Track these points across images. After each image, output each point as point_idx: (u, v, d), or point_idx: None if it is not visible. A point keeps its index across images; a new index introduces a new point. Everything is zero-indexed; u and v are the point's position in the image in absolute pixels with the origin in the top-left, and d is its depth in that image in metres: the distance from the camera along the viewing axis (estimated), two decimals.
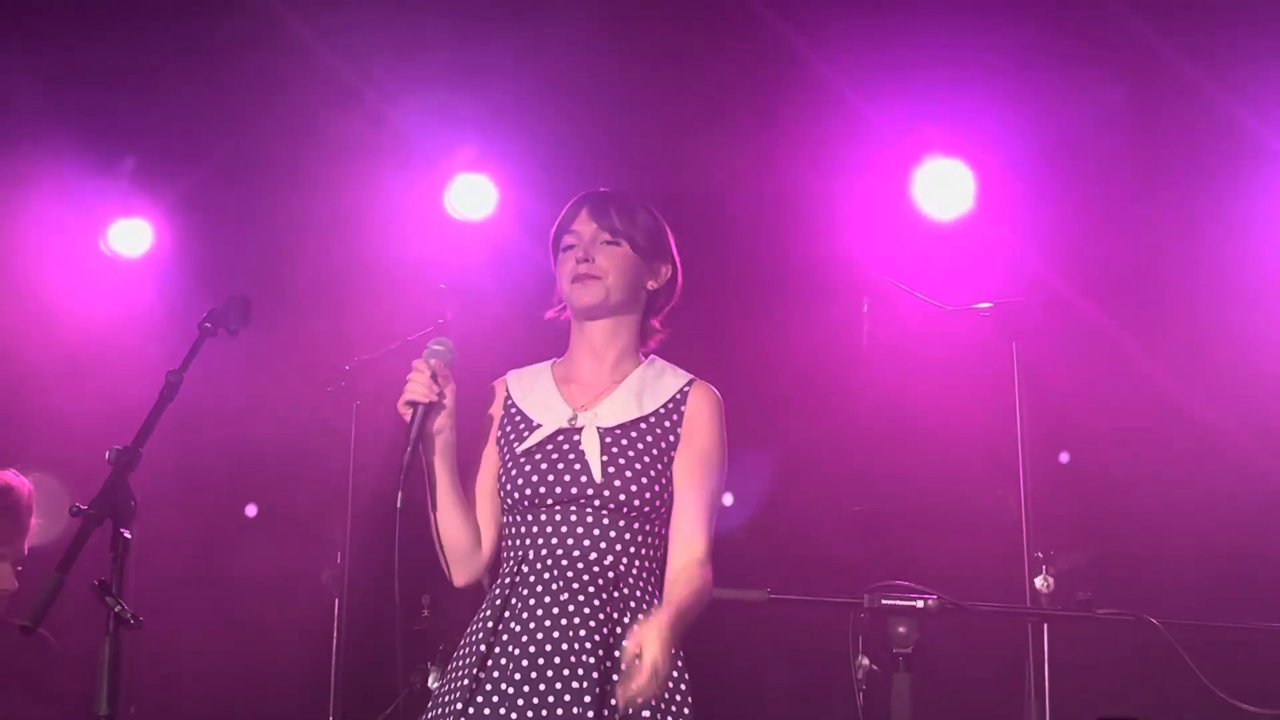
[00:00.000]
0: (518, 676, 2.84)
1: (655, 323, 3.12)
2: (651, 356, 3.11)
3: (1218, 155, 5.07)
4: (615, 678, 2.79)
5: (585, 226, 3.05)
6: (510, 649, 2.87)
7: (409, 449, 2.88)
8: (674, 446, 2.98)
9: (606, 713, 2.79)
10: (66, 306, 5.62)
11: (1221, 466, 4.90)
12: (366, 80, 5.46)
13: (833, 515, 5.13)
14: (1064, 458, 5.07)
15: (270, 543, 5.55)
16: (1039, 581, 4.36)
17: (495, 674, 2.86)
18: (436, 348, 2.95)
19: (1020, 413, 4.54)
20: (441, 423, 2.92)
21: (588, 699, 2.79)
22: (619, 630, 2.87)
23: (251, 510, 5.80)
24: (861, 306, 4.87)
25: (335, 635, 5.10)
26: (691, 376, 3.08)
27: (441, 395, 2.91)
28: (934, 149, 5.32)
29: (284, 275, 5.47)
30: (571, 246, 3.04)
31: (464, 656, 2.94)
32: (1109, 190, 5.13)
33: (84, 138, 5.58)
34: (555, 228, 3.11)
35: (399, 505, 2.83)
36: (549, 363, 3.13)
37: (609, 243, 3.03)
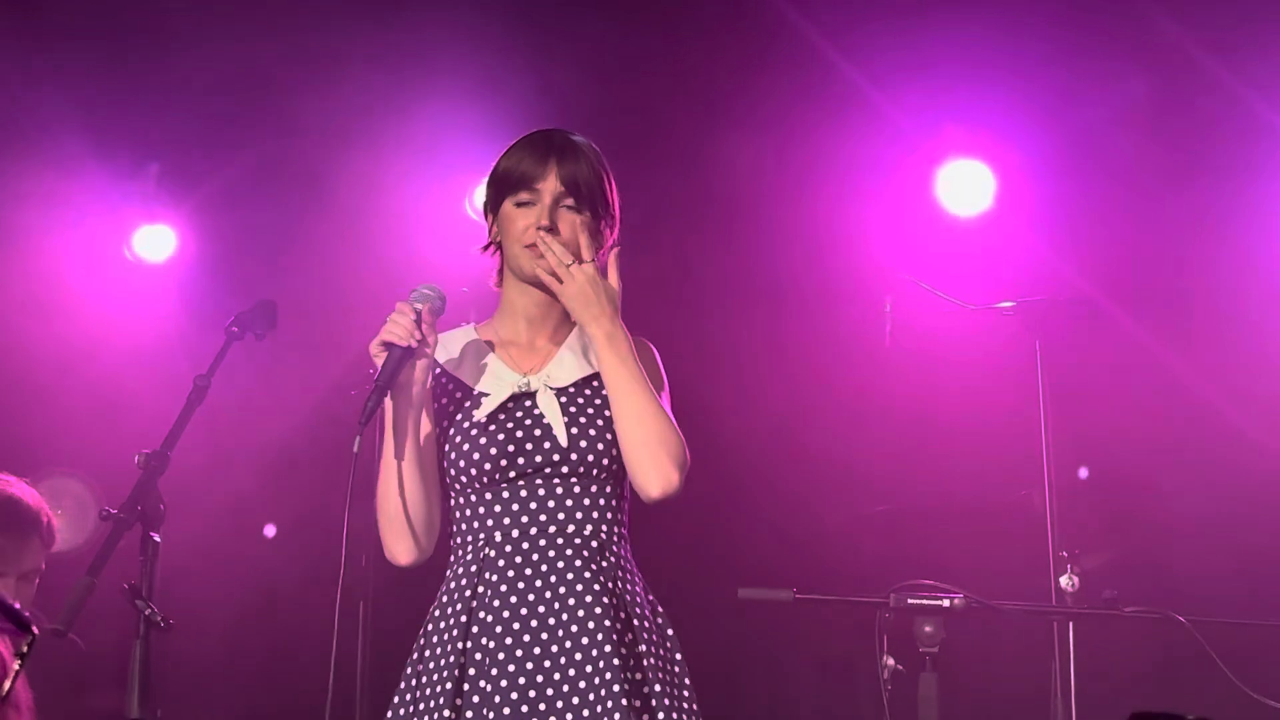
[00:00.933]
0: (511, 669, 2.66)
1: None
2: None
3: (1244, 149, 5.05)
4: (625, 653, 2.66)
5: (550, 185, 2.80)
6: (486, 642, 2.69)
7: (374, 395, 2.67)
8: None
9: (630, 688, 2.63)
10: (91, 313, 5.62)
11: (1248, 463, 4.89)
12: (394, 83, 5.48)
13: (857, 515, 5.13)
14: (1083, 473, 5.05)
15: (295, 543, 5.57)
16: (1064, 580, 4.35)
17: (482, 670, 2.67)
18: (426, 291, 2.77)
19: (1044, 411, 4.53)
20: (418, 374, 2.73)
21: (615, 685, 2.62)
22: (627, 598, 2.73)
23: (270, 531, 5.81)
24: (884, 306, 4.87)
25: (360, 634, 5.12)
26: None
27: (423, 341, 2.71)
28: (956, 148, 5.32)
29: (308, 280, 5.49)
30: (529, 204, 2.80)
31: (432, 659, 2.74)
32: (1132, 186, 5.12)
33: (107, 143, 5.60)
34: (507, 165, 2.83)
35: (355, 451, 2.64)
36: (468, 326, 2.93)
37: (572, 209, 2.81)
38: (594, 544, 2.75)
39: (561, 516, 2.76)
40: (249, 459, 5.50)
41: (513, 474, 2.76)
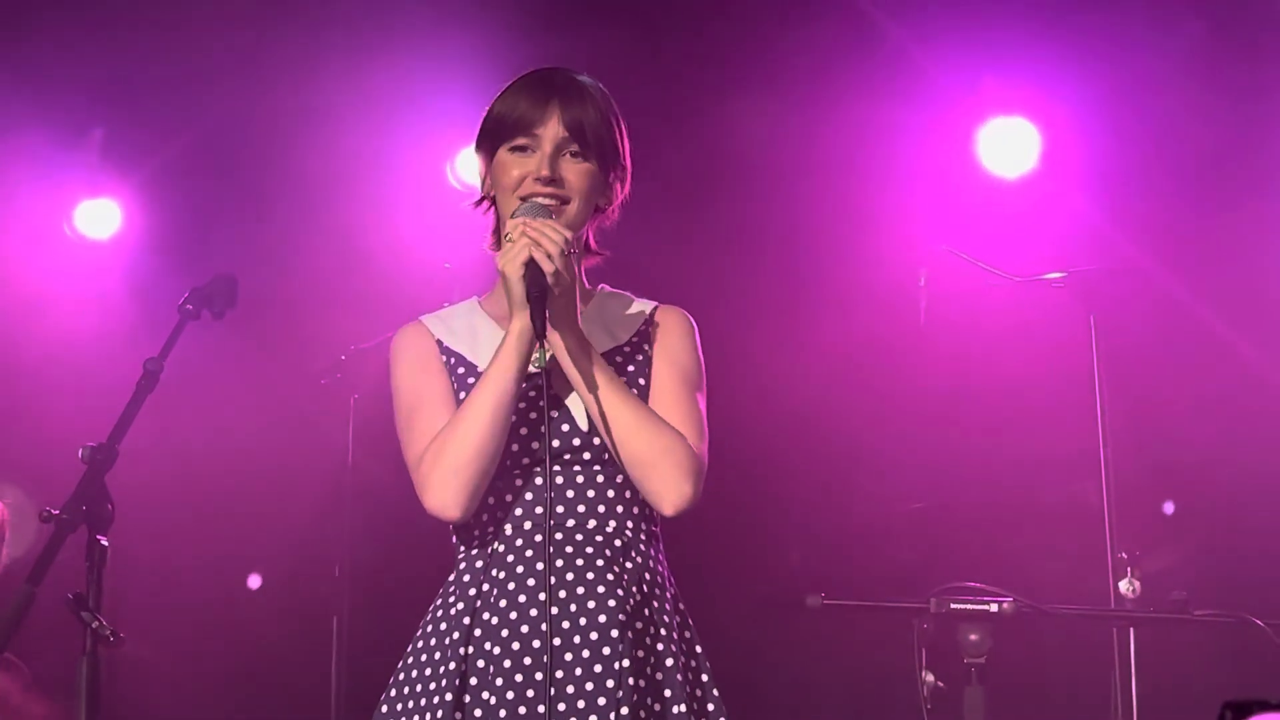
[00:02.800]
0: (518, 679, 2.61)
1: (593, 243, 2.85)
2: (602, 285, 2.88)
3: None
4: (647, 676, 2.62)
5: (551, 130, 2.72)
6: (490, 647, 2.64)
7: (535, 308, 2.54)
8: (649, 372, 2.78)
9: (646, 715, 2.59)
10: (30, 293, 5.62)
11: None
12: (359, 42, 5.45)
13: (889, 513, 5.11)
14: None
15: (260, 554, 5.55)
16: (1124, 585, 4.33)
17: (485, 680, 2.63)
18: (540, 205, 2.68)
19: (1100, 394, 4.52)
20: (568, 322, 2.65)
21: (625, 708, 2.58)
22: (646, 612, 2.67)
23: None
24: (918, 279, 4.84)
25: (334, 656, 5.10)
26: (655, 302, 2.87)
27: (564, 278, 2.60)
28: (997, 106, 5.29)
29: (267, 258, 5.46)
30: (526, 149, 2.72)
31: (429, 664, 2.69)
32: (1190, 142, 5.08)
33: (47, 110, 5.59)
34: (502, 108, 2.76)
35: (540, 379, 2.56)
36: (472, 301, 2.88)
37: (576, 155, 2.73)
38: (617, 543, 2.70)
39: (581, 510, 2.70)
40: (206, 453, 5.49)
41: (525, 461, 2.70)
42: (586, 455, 2.71)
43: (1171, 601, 4.05)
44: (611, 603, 2.64)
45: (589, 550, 2.68)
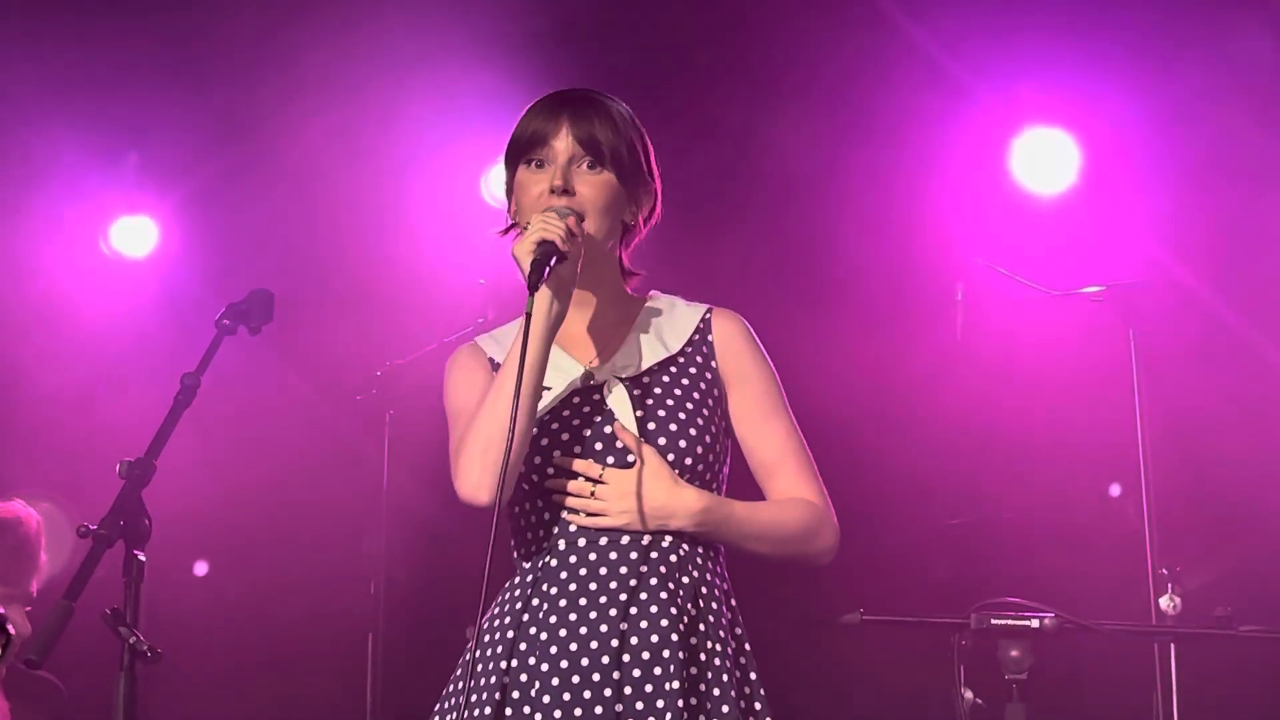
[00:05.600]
0: (566, 697, 2.58)
1: (626, 262, 2.84)
2: (652, 291, 2.88)
3: None
4: (700, 693, 2.60)
5: (563, 143, 2.73)
6: (534, 662, 2.62)
7: (532, 283, 2.55)
8: (715, 385, 2.76)
9: None
10: (67, 311, 5.65)
11: None
12: (395, 59, 5.46)
13: (927, 530, 5.08)
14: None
15: (298, 569, 5.55)
16: (1164, 602, 4.29)
17: (527, 695, 2.60)
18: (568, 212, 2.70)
19: (1139, 409, 4.48)
20: (569, 279, 2.65)
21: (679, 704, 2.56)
22: (701, 628, 2.64)
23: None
24: (955, 294, 4.82)
25: (369, 673, 5.09)
26: (707, 305, 2.85)
27: (575, 248, 2.62)
28: (1034, 117, 5.26)
29: (303, 276, 5.48)
30: (542, 164, 2.74)
31: (473, 678, 2.67)
32: (1239, 156, 5.03)
33: (85, 131, 5.62)
34: (518, 130, 2.78)
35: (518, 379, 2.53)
36: (522, 320, 2.86)
37: (592, 166, 2.73)
38: (672, 558, 2.66)
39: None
40: (242, 469, 5.49)
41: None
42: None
43: (1216, 618, 4.01)
44: (665, 622, 2.61)
45: (643, 568, 2.64)
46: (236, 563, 5.63)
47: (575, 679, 2.60)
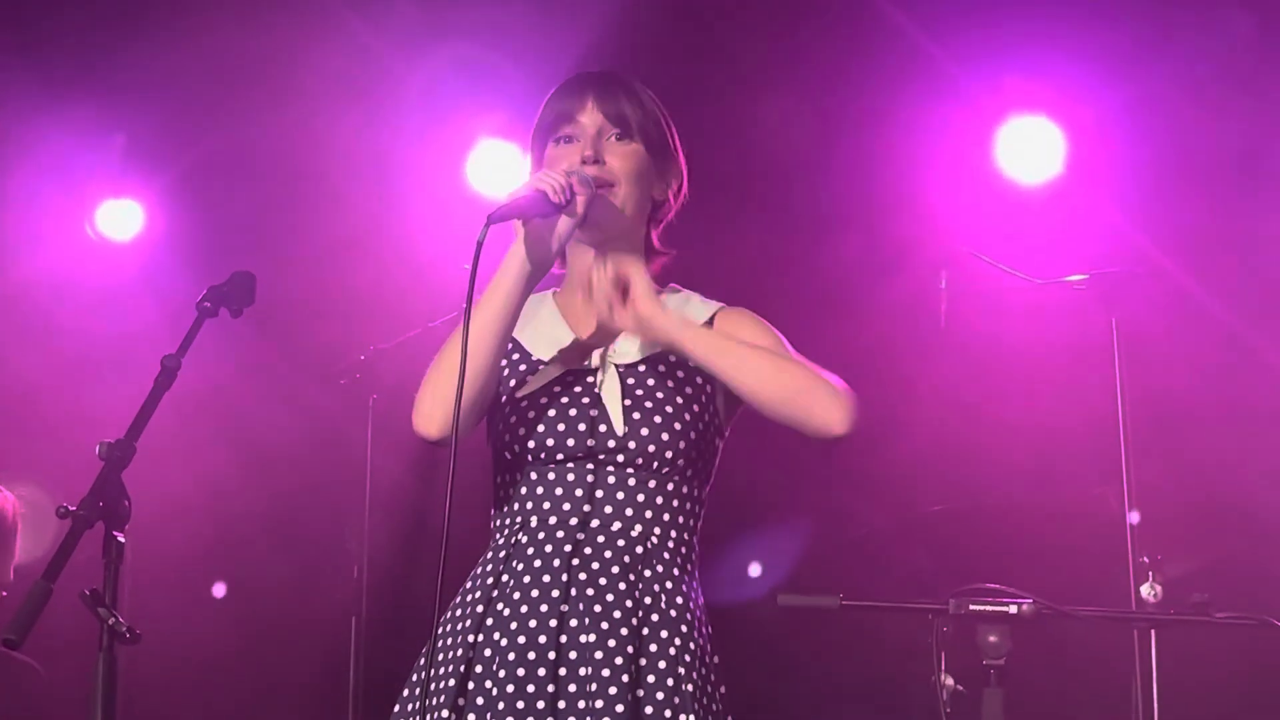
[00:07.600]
0: (520, 673, 2.60)
1: (656, 241, 2.87)
2: (672, 285, 2.89)
3: None
4: (644, 691, 2.60)
5: (591, 117, 2.76)
6: (498, 638, 2.64)
7: (498, 215, 2.53)
8: (709, 383, 2.75)
9: None
10: (50, 292, 5.65)
11: None
12: (382, 41, 5.46)
13: (908, 516, 5.09)
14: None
15: (278, 554, 5.56)
16: (1145, 590, 4.31)
17: (489, 670, 2.62)
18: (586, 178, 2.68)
19: (1122, 398, 4.48)
20: (558, 233, 2.63)
21: (619, 709, 2.56)
22: (650, 624, 2.64)
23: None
24: (938, 281, 4.82)
25: (353, 657, 5.10)
26: (720, 304, 2.85)
27: (572, 203, 2.61)
28: (1019, 105, 5.26)
29: (289, 259, 5.48)
30: (571, 139, 2.76)
31: (442, 650, 2.69)
32: (1226, 146, 5.03)
33: (71, 112, 5.60)
34: (544, 112, 2.81)
35: (467, 307, 2.53)
36: (549, 292, 2.86)
37: (621, 138, 2.77)
38: (639, 549, 2.68)
39: (608, 510, 2.69)
40: (225, 452, 5.50)
41: (560, 456, 2.70)
42: (620, 458, 2.69)
43: (1192, 604, 4.02)
44: (617, 613, 2.64)
45: (607, 553, 2.67)
46: (218, 546, 5.64)
47: (531, 655, 2.61)
